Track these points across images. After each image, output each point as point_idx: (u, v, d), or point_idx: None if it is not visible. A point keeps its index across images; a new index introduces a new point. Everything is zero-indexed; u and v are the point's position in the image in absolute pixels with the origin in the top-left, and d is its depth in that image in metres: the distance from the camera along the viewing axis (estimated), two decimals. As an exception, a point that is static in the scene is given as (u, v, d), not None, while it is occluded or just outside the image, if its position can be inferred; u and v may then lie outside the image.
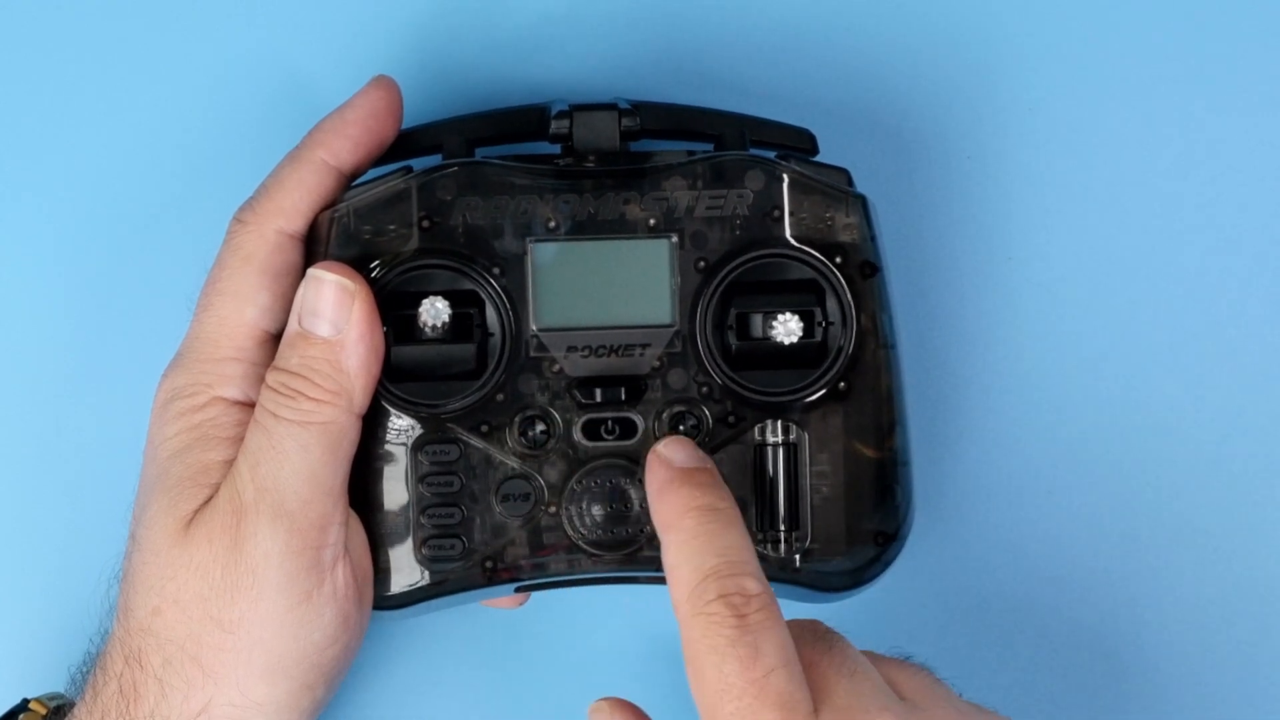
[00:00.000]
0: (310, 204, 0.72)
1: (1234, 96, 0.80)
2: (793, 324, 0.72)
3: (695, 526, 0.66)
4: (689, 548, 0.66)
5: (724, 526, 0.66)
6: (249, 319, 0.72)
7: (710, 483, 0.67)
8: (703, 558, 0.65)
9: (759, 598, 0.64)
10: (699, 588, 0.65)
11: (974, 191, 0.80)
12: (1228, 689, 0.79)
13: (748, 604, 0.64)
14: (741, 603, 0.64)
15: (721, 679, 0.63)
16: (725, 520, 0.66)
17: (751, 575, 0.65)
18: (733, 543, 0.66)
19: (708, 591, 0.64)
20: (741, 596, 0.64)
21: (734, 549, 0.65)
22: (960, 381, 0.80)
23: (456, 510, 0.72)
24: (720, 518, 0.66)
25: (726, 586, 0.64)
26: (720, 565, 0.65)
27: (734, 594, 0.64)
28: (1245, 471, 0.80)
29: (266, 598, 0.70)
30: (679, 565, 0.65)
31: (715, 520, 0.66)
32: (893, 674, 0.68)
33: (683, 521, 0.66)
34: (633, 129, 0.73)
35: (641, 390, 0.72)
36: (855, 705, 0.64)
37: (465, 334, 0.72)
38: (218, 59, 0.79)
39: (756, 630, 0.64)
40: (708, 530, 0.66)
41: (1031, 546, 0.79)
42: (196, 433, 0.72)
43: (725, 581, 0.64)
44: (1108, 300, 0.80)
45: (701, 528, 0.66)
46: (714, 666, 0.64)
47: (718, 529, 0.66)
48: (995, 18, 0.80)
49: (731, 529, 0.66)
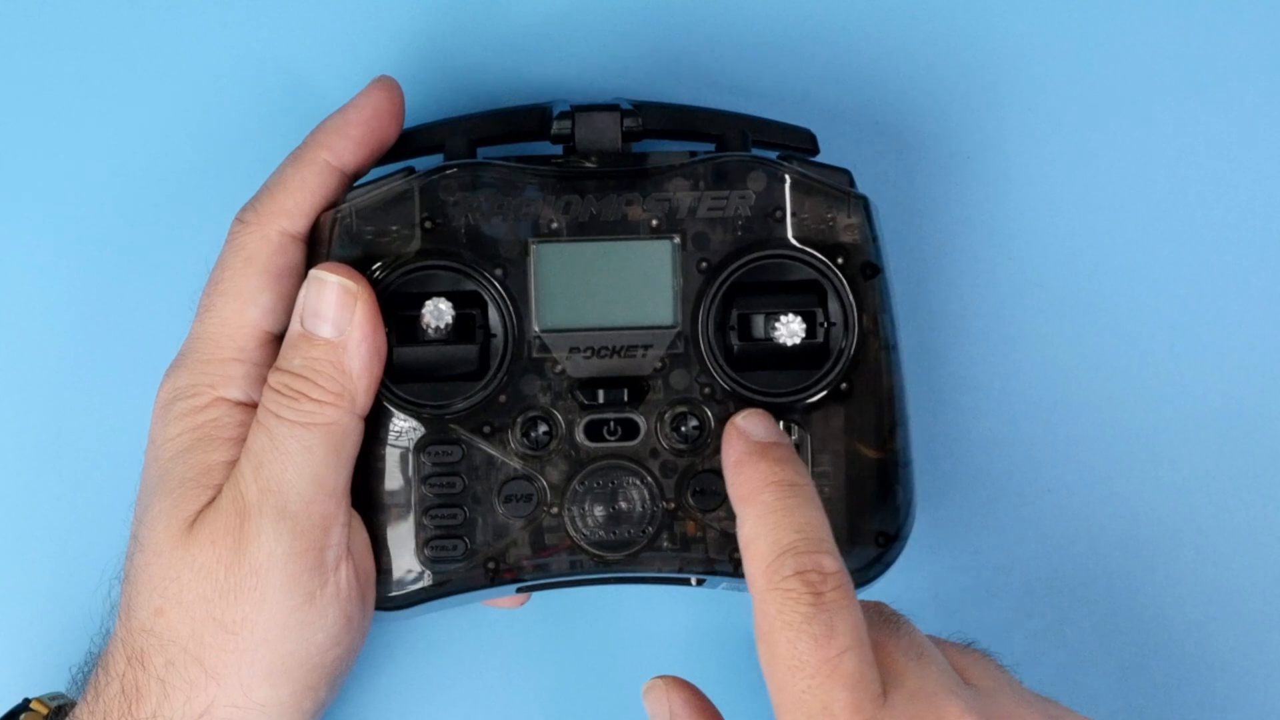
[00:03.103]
0: (312, 204, 0.72)
1: (1234, 97, 0.80)
2: (795, 325, 0.72)
3: (774, 501, 0.66)
4: (767, 522, 0.65)
5: (802, 502, 0.66)
6: (251, 319, 0.72)
7: (789, 458, 0.67)
8: (780, 532, 0.65)
9: (836, 576, 0.64)
10: (776, 562, 0.64)
11: (974, 191, 0.80)
12: (1228, 689, 0.79)
13: (824, 582, 0.64)
14: (818, 580, 0.64)
15: (795, 655, 0.63)
16: (804, 496, 0.66)
17: (829, 553, 0.65)
18: (811, 519, 0.66)
19: (785, 567, 0.64)
20: (818, 574, 0.64)
21: (812, 525, 0.65)
22: (960, 381, 0.80)
23: (459, 511, 0.72)
24: (799, 494, 0.66)
25: (804, 563, 0.64)
26: (798, 541, 0.65)
27: (811, 571, 0.64)
28: (1245, 471, 0.80)
29: (270, 599, 0.70)
30: (756, 539, 0.65)
31: (794, 496, 0.66)
32: (956, 659, 0.68)
33: (761, 495, 0.66)
34: (635, 129, 0.73)
35: (644, 391, 0.72)
36: (923, 689, 0.64)
37: (468, 335, 0.72)
38: (219, 59, 0.79)
39: (832, 609, 0.64)
40: (786, 505, 0.66)
41: (1031, 546, 0.79)
42: (199, 433, 0.72)
43: (803, 558, 0.64)
44: (1108, 300, 0.80)
45: (780, 502, 0.66)
46: (788, 642, 0.64)
47: (796, 504, 0.66)
48: (995, 18, 0.80)
49: (809, 505, 0.66)
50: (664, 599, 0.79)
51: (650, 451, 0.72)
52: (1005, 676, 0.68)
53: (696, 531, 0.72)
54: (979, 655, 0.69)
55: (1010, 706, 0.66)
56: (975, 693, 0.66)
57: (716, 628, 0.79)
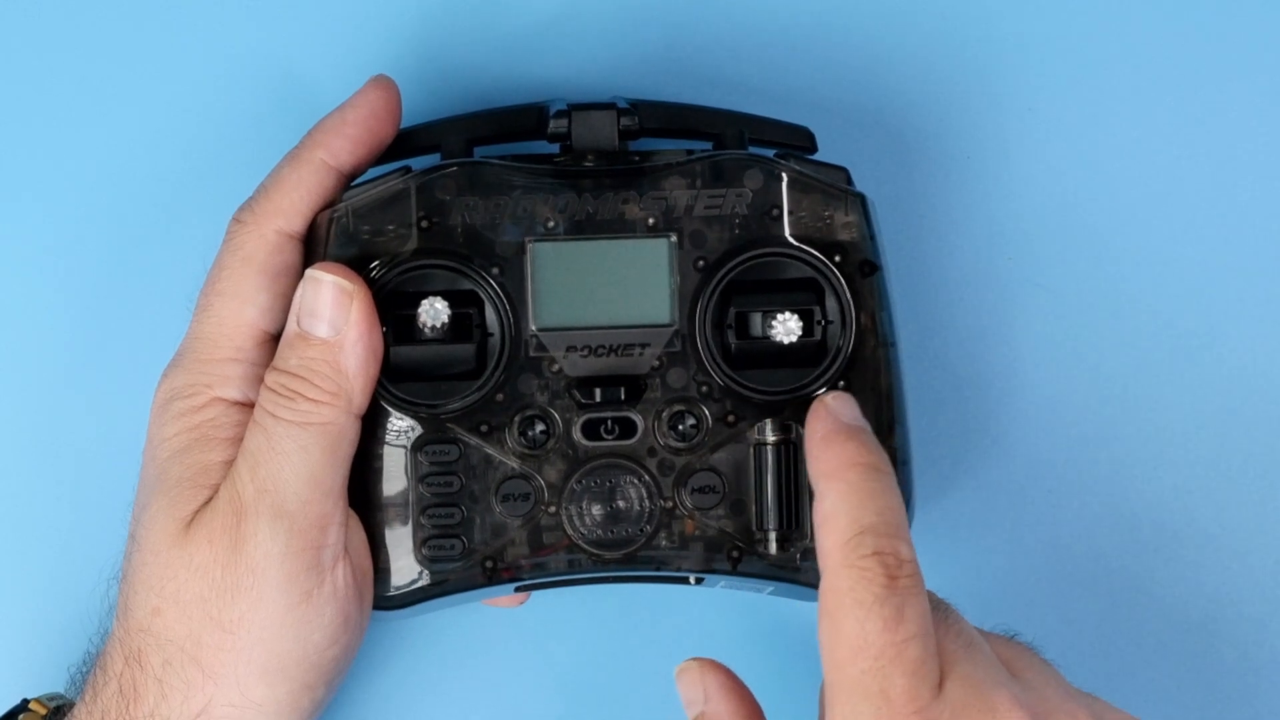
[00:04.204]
0: (309, 204, 0.72)
1: (1234, 96, 0.80)
2: (792, 323, 0.72)
3: (859, 481, 0.66)
4: (850, 500, 0.66)
5: (886, 488, 0.66)
6: (248, 319, 0.72)
7: (875, 444, 0.68)
8: (862, 512, 0.65)
9: (911, 564, 0.65)
10: (854, 540, 0.65)
11: (974, 191, 0.80)
12: (1228, 688, 0.79)
13: (900, 567, 0.64)
14: (895, 564, 0.64)
15: (862, 635, 0.64)
16: (887, 482, 0.66)
17: (906, 541, 0.65)
18: (892, 505, 0.66)
19: (863, 546, 0.64)
20: (895, 559, 0.64)
21: (893, 511, 0.66)
22: (960, 381, 0.80)
23: (456, 510, 0.72)
24: (882, 479, 0.66)
25: (883, 545, 0.64)
26: (878, 524, 0.65)
27: (889, 554, 0.64)
28: (1247, 470, 0.79)
29: (267, 598, 0.70)
30: (837, 515, 0.65)
31: (878, 480, 0.66)
32: (1002, 651, 0.68)
33: (847, 474, 0.66)
34: (631, 128, 0.73)
35: (641, 390, 0.72)
36: (976, 679, 0.64)
37: (464, 334, 0.72)
38: (217, 59, 0.79)
39: (904, 594, 0.64)
40: (870, 487, 0.66)
41: (1031, 546, 0.79)
42: (196, 433, 0.72)
43: (882, 540, 0.65)
44: (1108, 300, 0.80)
45: (865, 483, 0.66)
46: (857, 621, 0.64)
47: (879, 488, 0.66)
48: (995, 18, 0.80)
49: (892, 492, 0.66)
50: (662, 598, 0.79)
51: (648, 450, 0.72)
52: (1050, 670, 0.68)
53: (694, 530, 0.72)
54: (1024, 648, 0.69)
55: (1056, 701, 0.66)
56: (1023, 685, 0.66)
57: (716, 627, 0.79)
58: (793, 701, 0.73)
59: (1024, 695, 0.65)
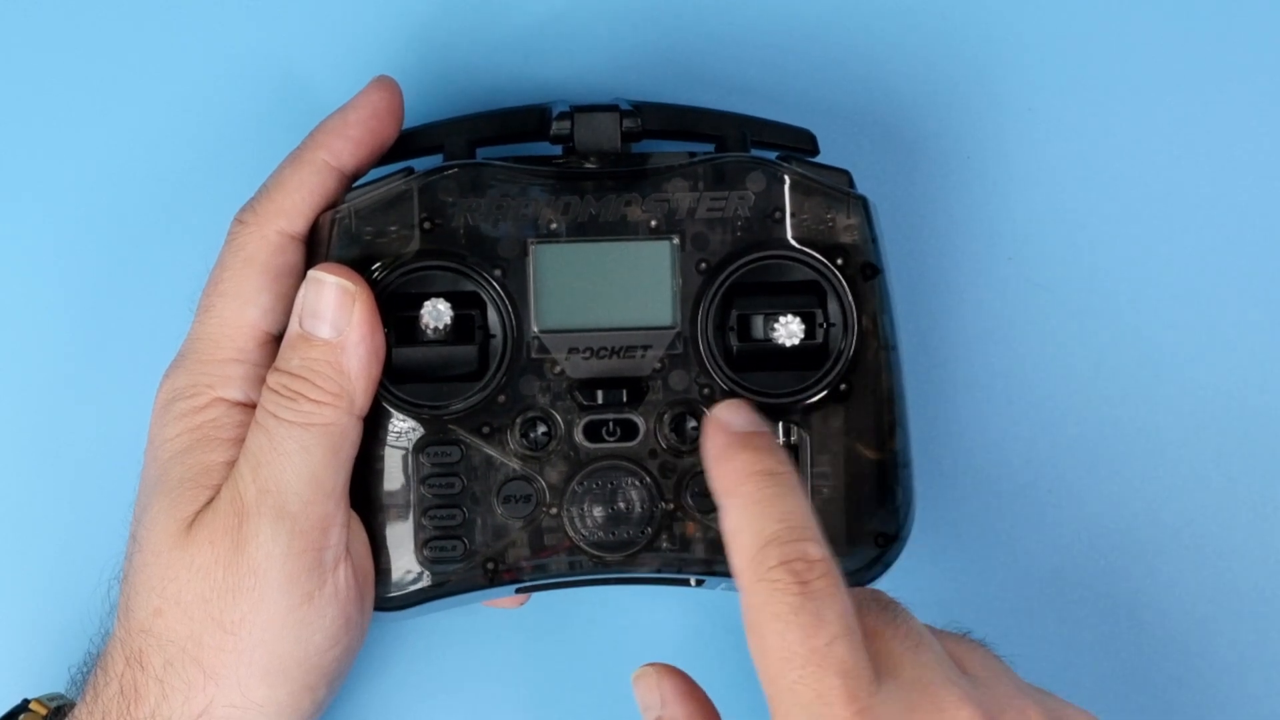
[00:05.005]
0: (311, 205, 0.72)
1: (1234, 96, 0.80)
2: (794, 326, 0.72)
3: (755, 492, 0.65)
4: (749, 513, 0.65)
5: (784, 491, 0.65)
6: (250, 320, 0.72)
7: (769, 447, 0.66)
8: (763, 523, 0.64)
9: (821, 563, 0.64)
10: (760, 554, 0.64)
11: (974, 192, 0.80)
12: (1227, 688, 0.79)
13: (810, 570, 0.63)
14: (804, 569, 0.63)
15: (784, 647, 0.63)
16: (785, 485, 0.65)
17: (813, 540, 0.64)
18: (793, 508, 0.65)
19: (769, 558, 0.64)
20: (804, 562, 0.63)
21: (794, 514, 0.65)
22: (960, 381, 0.80)
23: (458, 511, 0.72)
24: (780, 482, 0.65)
25: (788, 552, 0.64)
26: (781, 531, 0.64)
27: (796, 560, 0.63)
28: (1245, 471, 0.80)
29: (268, 599, 0.70)
30: (739, 531, 0.65)
31: (775, 485, 0.65)
32: (953, 648, 0.67)
33: (742, 487, 0.65)
34: (634, 130, 0.73)
35: (643, 392, 0.72)
36: (920, 678, 0.64)
37: (467, 335, 0.72)
38: (218, 59, 0.79)
39: (819, 598, 0.63)
40: (768, 495, 0.65)
41: (1031, 546, 0.79)
42: (197, 434, 0.72)
43: (787, 548, 0.64)
44: (1107, 300, 0.80)
45: (761, 493, 0.65)
46: (776, 634, 0.63)
47: (778, 494, 0.65)
48: (995, 18, 0.80)
49: (791, 494, 0.65)
50: (663, 600, 0.79)
51: (649, 452, 0.72)
52: (1001, 666, 0.68)
53: (695, 532, 0.72)
54: (975, 645, 0.69)
55: (1007, 696, 0.66)
56: (972, 682, 0.66)
57: (716, 628, 0.79)
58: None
59: (974, 692, 0.65)
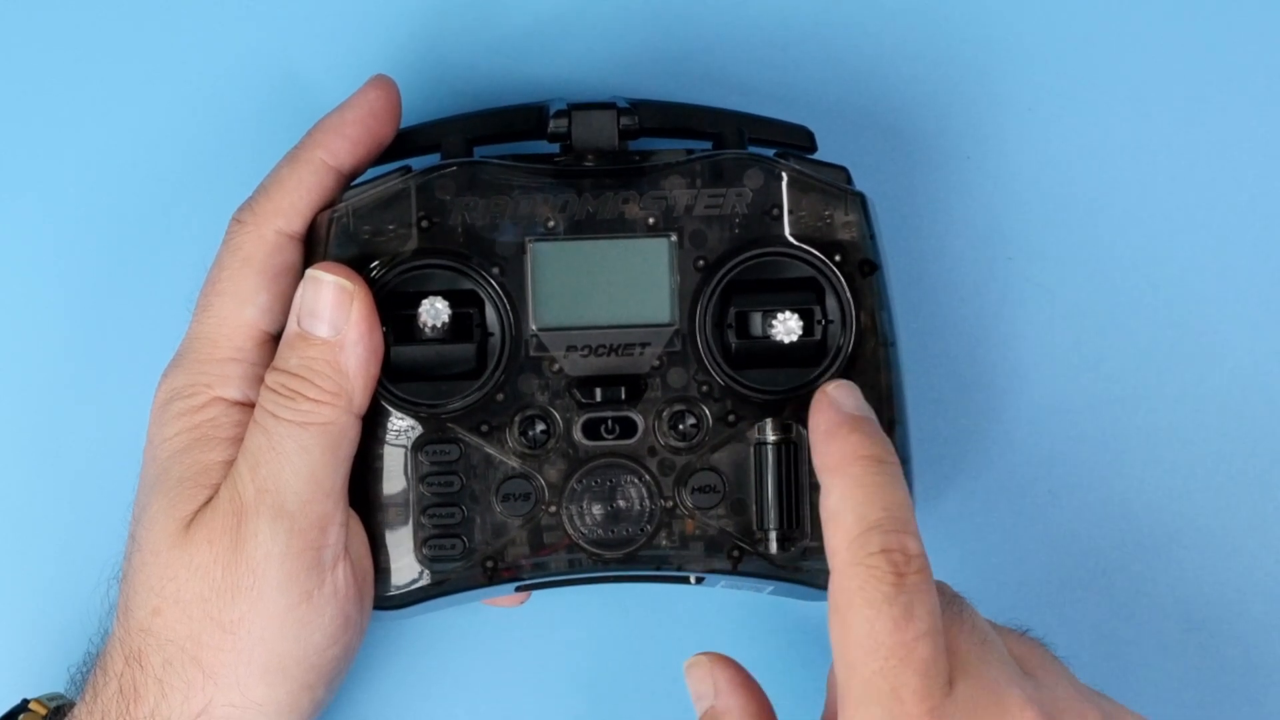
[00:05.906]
0: (309, 204, 0.72)
1: (1234, 97, 0.80)
2: (792, 322, 0.72)
3: (863, 475, 0.65)
4: (855, 496, 0.65)
5: (891, 480, 0.65)
6: (248, 319, 0.72)
7: (878, 434, 0.66)
8: (868, 508, 0.64)
9: (919, 559, 0.64)
10: (861, 538, 0.64)
11: (974, 191, 0.80)
12: (1227, 688, 0.79)
13: (908, 563, 0.63)
14: (902, 561, 0.63)
15: (871, 635, 0.63)
16: (891, 474, 0.65)
17: (913, 535, 0.64)
18: (898, 499, 0.65)
19: (870, 543, 0.63)
20: (903, 555, 0.63)
21: (899, 505, 0.65)
22: (960, 381, 0.80)
23: (457, 510, 0.72)
24: (887, 471, 0.65)
25: (890, 542, 0.64)
26: (885, 519, 0.64)
27: (896, 550, 0.63)
28: (1246, 469, 0.80)
29: (267, 598, 0.70)
30: (842, 512, 0.64)
31: (882, 472, 0.65)
32: (1014, 646, 0.67)
33: (850, 468, 0.65)
34: (631, 128, 0.73)
35: (641, 389, 0.72)
36: (988, 677, 0.64)
37: (465, 334, 0.72)
38: (217, 59, 0.79)
39: (913, 592, 0.63)
40: (875, 481, 0.65)
41: (1031, 546, 0.79)
42: (196, 433, 0.72)
43: (889, 536, 0.64)
44: (1107, 300, 0.80)
45: (869, 477, 0.65)
46: (866, 621, 0.63)
47: (884, 481, 0.65)
48: (995, 18, 0.80)
49: (897, 484, 0.65)
50: (663, 598, 0.79)
51: (648, 449, 0.72)
52: (1060, 667, 0.68)
53: (695, 529, 0.72)
54: (1035, 644, 0.69)
55: (1067, 699, 0.66)
56: (1035, 684, 0.65)
57: (716, 627, 0.79)
58: (792, 701, 0.73)
59: (1036, 694, 0.65)
